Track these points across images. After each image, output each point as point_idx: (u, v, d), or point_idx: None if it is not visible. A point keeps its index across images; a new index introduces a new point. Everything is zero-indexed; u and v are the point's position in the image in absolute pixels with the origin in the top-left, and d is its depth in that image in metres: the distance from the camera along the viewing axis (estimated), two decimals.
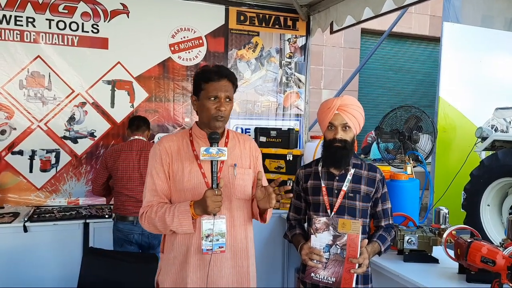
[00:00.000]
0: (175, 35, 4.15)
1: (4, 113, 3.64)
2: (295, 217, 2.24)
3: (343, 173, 2.07)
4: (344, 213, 2.03)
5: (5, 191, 3.66)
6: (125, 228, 3.13)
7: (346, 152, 2.03)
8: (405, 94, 8.60)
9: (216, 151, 1.76)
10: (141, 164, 3.14)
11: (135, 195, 3.10)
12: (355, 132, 2.05)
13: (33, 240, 3.25)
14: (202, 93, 1.84)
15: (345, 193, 2.04)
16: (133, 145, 3.22)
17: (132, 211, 3.10)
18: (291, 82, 4.65)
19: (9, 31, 3.61)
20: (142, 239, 3.14)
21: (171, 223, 1.76)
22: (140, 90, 4.06)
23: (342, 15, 4.02)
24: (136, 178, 3.14)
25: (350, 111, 2.01)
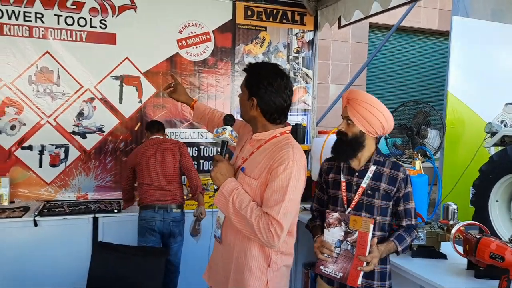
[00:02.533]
0: (182, 30, 4.15)
1: (13, 109, 3.68)
2: (317, 208, 2.27)
3: (363, 169, 2.05)
4: (362, 209, 2.01)
5: (15, 186, 3.70)
6: (147, 216, 3.26)
7: (343, 145, 2.03)
8: (413, 89, 8.54)
9: (221, 129, 1.82)
10: (158, 154, 3.38)
11: (154, 183, 3.30)
12: (363, 129, 2.00)
13: (43, 234, 3.30)
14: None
15: (364, 190, 2.02)
16: (151, 142, 3.48)
17: (153, 198, 3.28)
18: (299, 77, 4.64)
19: (18, 27, 3.63)
20: (163, 226, 3.27)
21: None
22: (148, 85, 4.07)
23: (350, 9, 3.99)
24: (154, 168, 3.33)
25: (355, 106, 1.99)
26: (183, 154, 3.47)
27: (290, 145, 1.77)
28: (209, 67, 4.29)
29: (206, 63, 4.28)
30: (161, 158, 3.36)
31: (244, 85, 1.86)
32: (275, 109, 1.80)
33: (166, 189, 3.31)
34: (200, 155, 4.34)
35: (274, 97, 1.77)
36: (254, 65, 1.88)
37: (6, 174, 3.64)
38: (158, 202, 3.27)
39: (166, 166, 3.35)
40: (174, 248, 3.34)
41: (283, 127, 1.86)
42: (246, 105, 1.83)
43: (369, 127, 1.99)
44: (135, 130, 4.05)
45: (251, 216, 1.67)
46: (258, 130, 1.85)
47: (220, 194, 1.76)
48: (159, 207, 3.25)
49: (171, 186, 3.34)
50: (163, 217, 3.25)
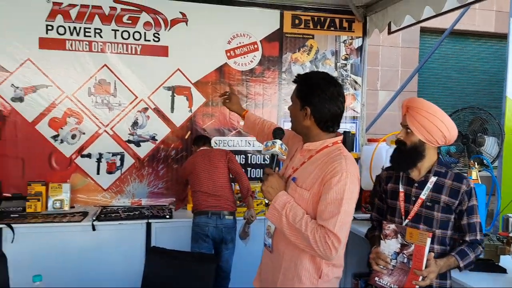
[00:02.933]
0: (231, 41, 4.25)
1: (74, 119, 3.91)
2: (377, 218, 2.24)
3: (423, 180, 2.00)
4: (420, 222, 1.96)
5: (75, 191, 3.92)
6: (201, 222, 3.34)
7: (401, 154, 1.99)
8: (468, 94, 8.16)
9: (271, 143, 1.81)
10: (206, 162, 3.50)
11: (207, 190, 3.40)
12: (423, 139, 1.94)
13: (100, 238, 3.47)
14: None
15: (423, 202, 1.97)
16: (200, 152, 3.62)
17: (206, 205, 3.37)
18: (347, 84, 4.59)
19: (79, 42, 3.87)
20: (216, 232, 3.34)
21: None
22: (198, 95, 4.19)
23: (400, 15, 3.90)
24: (205, 175, 3.45)
25: (414, 115, 1.94)
26: (231, 160, 3.57)
27: (343, 155, 1.75)
28: (256, 76, 4.35)
29: (254, 72, 4.34)
30: (210, 166, 3.47)
31: (295, 95, 1.85)
32: (329, 117, 1.79)
33: (218, 195, 3.39)
34: (248, 162, 4.39)
35: (328, 104, 1.77)
36: (305, 75, 1.88)
37: (67, 180, 3.88)
38: (212, 208, 3.35)
39: (216, 173, 3.45)
40: (226, 254, 3.40)
41: (334, 137, 1.84)
42: (299, 115, 1.82)
43: (429, 136, 1.93)
44: (186, 138, 4.18)
45: (306, 230, 1.66)
46: (310, 140, 1.84)
47: (273, 208, 1.76)
48: (213, 213, 3.33)
49: (223, 191, 3.42)
50: (216, 223, 3.33)
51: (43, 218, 3.46)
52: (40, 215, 3.55)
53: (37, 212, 3.60)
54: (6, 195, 3.76)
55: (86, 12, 3.85)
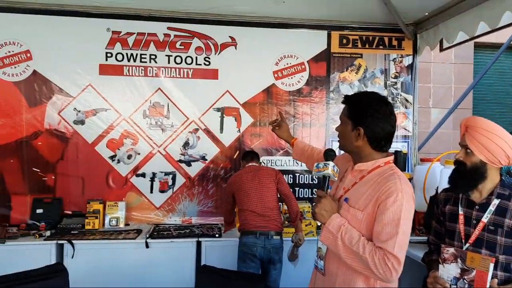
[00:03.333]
0: (278, 62, 4.32)
1: (130, 140, 4.11)
2: (434, 241, 2.16)
3: (484, 202, 1.91)
4: (482, 246, 1.87)
5: (130, 209, 4.09)
6: (248, 242, 3.33)
7: (461, 175, 1.91)
8: None
9: (322, 165, 1.80)
10: (256, 182, 3.46)
11: (255, 209, 3.38)
12: (484, 159, 1.86)
13: (153, 255, 3.57)
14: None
15: (485, 225, 1.87)
16: (248, 169, 3.58)
17: (254, 224, 3.35)
18: (398, 102, 4.49)
19: (135, 67, 4.10)
20: (264, 253, 3.32)
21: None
22: (246, 115, 4.28)
23: (453, 31, 3.80)
24: (254, 195, 3.42)
25: (474, 134, 1.87)
26: (280, 181, 3.54)
27: (396, 175, 1.72)
28: (303, 96, 4.38)
29: (301, 92, 4.37)
30: (259, 185, 3.45)
31: (346, 116, 1.84)
32: (383, 136, 1.77)
33: (266, 215, 3.37)
34: (296, 182, 4.38)
35: (382, 123, 1.75)
36: (354, 95, 1.88)
37: (123, 198, 4.06)
38: (260, 229, 3.33)
39: (265, 193, 3.43)
40: (273, 274, 3.38)
41: (386, 157, 1.81)
42: (350, 136, 1.79)
43: (491, 156, 1.85)
44: (234, 158, 4.26)
45: (364, 252, 1.63)
46: (361, 160, 1.81)
47: (327, 231, 1.74)
48: (261, 233, 3.31)
49: (272, 212, 3.40)
50: (264, 244, 3.31)
51: (100, 235, 3.63)
52: (97, 232, 3.72)
53: (95, 229, 3.78)
54: (67, 213, 3.99)
55: (142, 40, 4.08)
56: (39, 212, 3.87)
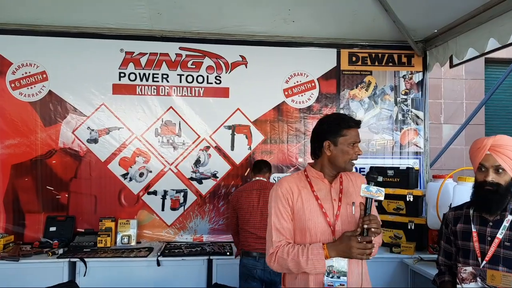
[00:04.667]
0: (288, 80, 4.36)
1: (142, 158, 4.16)
2: (445, 262, 2.13)
3: (498, 219, 1.90)
4: (499, 263, 1.85)
5: (141, 227, 4.11)
6: (248, 264, 3.27)
7: (498, 197, 1.88)
8: None
9: (375, 190, 1.83)
10: (261, 202, 3.33)
11: (256, 231, 3.28)
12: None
13: (164, 273, 3.56)
14: (342, 139, 1.90)
15: (501, 241, 1.86)
16: (254, 185, 3.45)
17: (254, 247, 3.26)
18: (408, 119, 4.49)
19: (148, 87, 4.17)
20: (264, 275, 3.24)
21: (305, 265, 1.81)
22: (257, 133, 4.30)
23: (462, 48, 3.80)
24: (257, 215, 3.31)
25: (504, 152, 1.86)
26: None
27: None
28: (314, 113, 4.40)
29: (311, 110, 4.40)
30: (264, 206, 3.30)
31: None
32: None
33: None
34: None
35: None
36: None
37: (134, 216, 4.09)
38: (260, 251, 3.22)
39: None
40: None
41: None
42: None
43: None
44: (245, 175, 4.27)
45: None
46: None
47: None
48: (260, 256, 3.22)
49: None
50: (264, 267, 3.19)
51: (112, 253, 3.64)
52: (109, 250, 3.74)
53: (107, 247, 3.80)
54: (79, 230, 4.02)
55: (154, 60, 4.16)
56: (52, 230, 3.92)
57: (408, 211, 3.75)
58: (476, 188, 1.95)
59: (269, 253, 1.92)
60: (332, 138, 1.91)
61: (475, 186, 1.97)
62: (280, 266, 1.89)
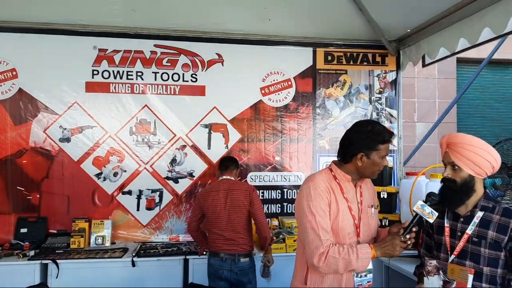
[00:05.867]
0: (265, 78, 4.36)
1: (117, 157, 4.09)
2: (425, 254, 2.18)
3: (469, 215, 1.95)
4: (466, 258, 1.91)
5: (116, 228, 4.04)
6: (215, 264, 3.25)
7: (452, 192, 1.94)
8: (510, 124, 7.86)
9: (429, 211, 1.91)
10: (228, 203, 3.28)
11: (223, 233, 3.25)
12: (472, 173, 1.90)
13: (140, 274, 3.52)
14: (377, 153, 1.98)
15: (469, 237, 1.91)
16: (221, 185, 3.36)
17: (222, 248, 3.24)
18: (382, 117, 4.56)
19: (122, 84, 4.10)
20: (231, 276, 3.22)
21: (355, 264, 1.89)
22: (234, 131, 4.29)
23: (434, 47, 3.89)
24: (224, 217, 3.26)
25: (458, 150, 1.91)
26: (252, 203, 3.31)
27: None
28: (290, 111, 4.42)
29: (288, 108, 4.41)
30: (231, 208, 3.26)
31: None
32: None
33: (234, 240, 3.23)
34: (284, 198, 4.39)
35: None
36: None
37: (109, 217, 4.01)
38: (226, 251, 3.22)
39: (236, 216, 3.26)
40: None
41: None
42: None
43: (478, 169, 1.91)
44: None
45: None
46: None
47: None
48: (227, 257, 3.21)
49: (240, 236, 3.25)
50: (231, 267, 3.20)
51: (86, 254, 3.57)
52: (83, 251, 3.66)
53: (80, 248, 3.72)
54: (52, 232, 3.92)
55: (129, 57, 4.10)
56: (23, 232, 3.81)
57: (383, 207, 3.81)
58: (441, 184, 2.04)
59: (317, 253, 1.90)
60: (367, 151, 1.98)
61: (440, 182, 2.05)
62: (329, 266, 1.90)
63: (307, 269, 2.02)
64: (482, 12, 3.21)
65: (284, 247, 3.70)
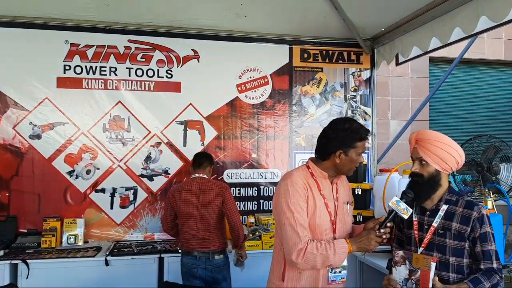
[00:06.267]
0: (242, 75, 4.35)
1: (89, 155, 4.00)
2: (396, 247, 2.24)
3: (434, 208, 2.04)
4: (434, 249, 1.99)
5: (89, 226, 3.95)
6: (189, 263, 3.22)
7: (420, 187, 2.02)
8: (481, 122, 8.10)
9: (404, 207, 1.96)
10: (200, 202, 3.22)
11: (195, 233, 3.20)
12: (439, 168, 1.99)
13: (113, 273, 3.46)
14: (354, 150, 2.03)
15: (435, 229, 2.00)
16: (193, 184, 3.29)
17: (195, 246, 3.21)
18: (357, 115, 4.62)
19: (95, 80, 4.01)
20: (206, 274, 3.19)
21: (333, 259, 1.94)
22: (210, 128, 4.26)
23: (407, 46, 3.97)
24: (197, 217, 3.21)
25: (426, 146, 2.00)
26: (225, 202, 3.25)
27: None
28: (267, 109, 4.42)
29: (264, 105, 4.42)
30: (203, 208, 3.21)
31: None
32: None
33: (207, 238, 3.21)
34: (260, 195, 4.39)
35: None
36: None
37: (81, 215, 3.92)
38: (200, 249, 3.19)
39: (208, 216, 3.22)
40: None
41: None
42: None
43: (444, 164, 1.99)
44: None
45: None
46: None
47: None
48: (201, 255, 3.18)
49: (212, 234, 3.22)
50: (205, 265, 3.18)
51: (57, 254, 3.48)
52: (54, 250, 3.57)
53: (51, 247, 3.62)
54: (22, 231, 3.81)
55: (102, 52, 4.01)
56: None
57: (357, 204, 3.84)
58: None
59: (296, 249, 1.92)
60: (345, 148, 2.02)
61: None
62: (307, 262, 1.93)
63: (284, 265, 2.04)
64: (453, 13, 3.29)
65: (260, 244, 3.70)
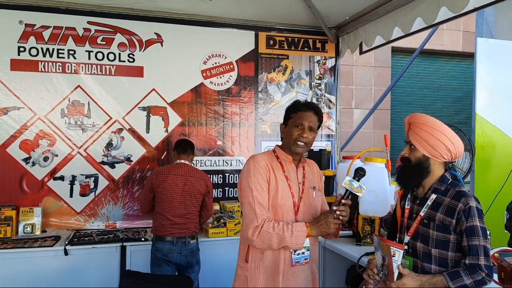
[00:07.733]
0: (207, 61, 4.28)
1: (47, 141, 3.83)
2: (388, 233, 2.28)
3: (423, 196, 1.99)
4: (418, 239, 1.96)
5: (47, 215, 3.81)
6: (164, 248, 3.20)
7: (406, 172, 1.98)
8: (440, 111, 8.41)
9: (357, 185, 1.95)
10: (186, 189, 3.26)
11: (174, 218, 3.22)
12: (427, 154, 1.92)
13: (73, 263, 3.36)
14: (290, 121, 2.09)
15: (421, 219, 1.94)
16: (179, 170, 3.32)
17: (171, 232, 3.21)
18: (322, 103, 4.66)
19: (52, 63, 3.83)
20: (180, 259, 3.21)
21: (289, 240, 1.94)
22: (174, 115, 4.18)
23: (371, 35, 4.03)
24: (180, 203, 3.24)
25: (416, 130, 1.95)
26: (208, 193, 3.39)
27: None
28: (233, 95, 4.38)
29: (230, 92, 4.37)
30: (187, 195, 3.26)
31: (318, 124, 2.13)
32: None
33: (184, 224, 3.24)
34: (226, 182, 4.38)
35: None
36: (316, 106, 2.19)
37: (39, 204, 3.77)
38: (177, 235, 3.21)
39: (190, 204, 3.28)
40: (192, 276, 3.28)
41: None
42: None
43: (433, 150, 1.91)
44: (162, 159, 4.14)
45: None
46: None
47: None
48: (177, 240, 3.19)
49: (189, 221, 3.28)
50: (181, 250, 3.20)
51: (13, 244, 3.34)
52: (10, 240, 3.43)
53: (7, 237, 3.48)
54: None
55: (59, 34, 3.82)
56: None
57: None
58: None
59: (252, 226, 1.95)
60: (285, 121, 2.12)
61: None
62: (262, 240, 1.94)
63: (248, 247, 2.07)
64: (414, 3, 3.36)
65: (225, 231, 3.69)
